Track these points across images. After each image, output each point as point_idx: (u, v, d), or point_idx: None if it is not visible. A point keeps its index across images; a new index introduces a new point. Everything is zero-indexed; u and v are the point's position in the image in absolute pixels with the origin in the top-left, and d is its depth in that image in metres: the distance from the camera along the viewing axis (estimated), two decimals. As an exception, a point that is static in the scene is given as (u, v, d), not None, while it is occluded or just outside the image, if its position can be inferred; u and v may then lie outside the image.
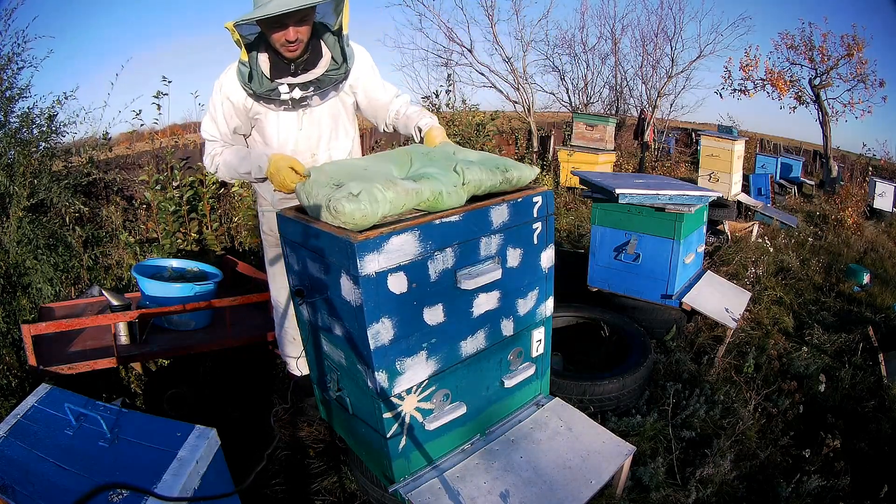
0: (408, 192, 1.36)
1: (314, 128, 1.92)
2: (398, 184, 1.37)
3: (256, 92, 1.78)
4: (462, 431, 1.62)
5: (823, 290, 4.30)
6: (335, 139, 1.97)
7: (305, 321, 1.71)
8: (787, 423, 2.38)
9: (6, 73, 3.51)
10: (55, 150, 3.82)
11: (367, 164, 1.56)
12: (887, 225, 7.20)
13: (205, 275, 2.93)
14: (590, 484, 1.57)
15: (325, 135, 1.94)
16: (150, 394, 2.54)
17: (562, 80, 12.27)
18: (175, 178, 4.05)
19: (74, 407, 1.38)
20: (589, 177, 3.18)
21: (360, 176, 1.41)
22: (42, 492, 1.19)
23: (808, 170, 10.96)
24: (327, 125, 1.94)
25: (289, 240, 1.61)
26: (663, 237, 2.92)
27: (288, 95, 1.81)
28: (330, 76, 1.84)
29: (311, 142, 1.93)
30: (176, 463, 1.26)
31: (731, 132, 9.19)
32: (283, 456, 2.05)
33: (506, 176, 1.56)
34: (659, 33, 11.46)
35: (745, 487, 2.00)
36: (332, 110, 1.93)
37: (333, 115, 1.94)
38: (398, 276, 1.33)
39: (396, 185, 1.36)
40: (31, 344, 2.21)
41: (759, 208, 6.23)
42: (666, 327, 3.00)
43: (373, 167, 1.52)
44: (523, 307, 1.67)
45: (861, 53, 10.27)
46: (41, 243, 3.36)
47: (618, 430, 2.05)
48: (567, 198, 6.85)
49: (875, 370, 2.90)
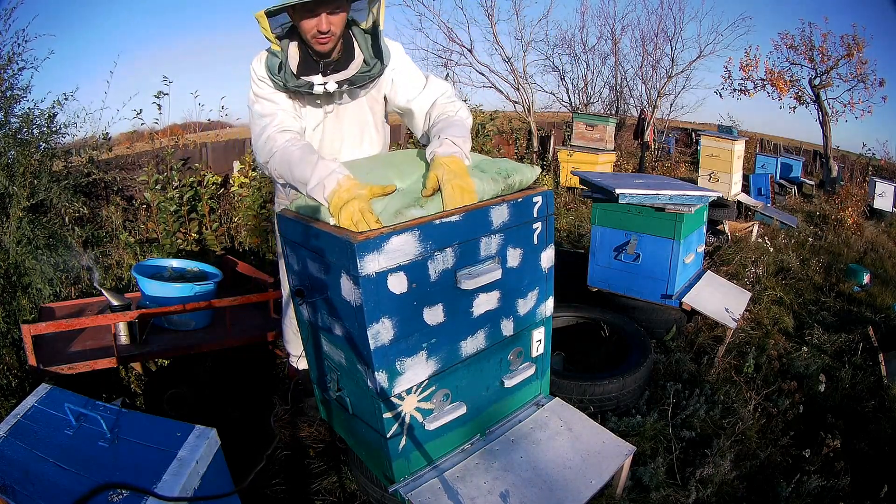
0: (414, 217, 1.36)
1: (338, 132, 1.82)
2: (405, 215, 1.35)
3: (287, 84, 1.62)
4: (462, 431, 1.62)
5: (823, 290, 4.30)
6: (359, 146, 1.86)
7: (305, 321, 1.71)
8: (787, 423, 2.38)
9: (6, 73, 3.51)
10: (55, 150, 3.83)
11: (368, 179, 1.47)
12: (887, 225, 7.21)
13: (205, 275, 2.93)
14: (590, 484, 1.56)
15: (349, 140, 1.84)
16: (150, 394, 2.54)
17: (562, 80, 12.32)
18: (175, 178, 4.05)
19: (74, 407, 1.38)
20: (589, 177, 3.18)
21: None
22: (42, 492, 1.19)
23: (808, 170, 10.97)
24: (351, 131, 1.83)
25: (289, 240, 1.61)
26: (663, 237, 2.92)
27: (322, 88, 1.63)
28: (364, 74, 1.68)
29: (333, 146, 1.82)
30: (176, 463, 1.26)
31: (731, 132, 9.21)
32: (283, 456, 2.05)
33: (507, 182, 1.52)
34: (659, 33, 11.50)
35: (745, 487, 2.00)
36: (359, 116, 1.82)
37: (360, 122, 1.84)
38: (398, 276, 1.33)
39: (404, 215, 1.35)
40: (31, 344, 2.21)
41: (759, 208, 6.24)
42: (666, 327, 3.00)
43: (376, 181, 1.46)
44: (523, 307, 1.67)
45: (861, 53, 10.28)
46: (41, 243, 3.36)
47: (618, 430, 2.05)
48: (567, 198, 6.85)
49: (875, 370, 2.90)
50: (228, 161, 5.25)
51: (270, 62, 1.61)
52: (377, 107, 1.87)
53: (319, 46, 1.60)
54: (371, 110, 1.85)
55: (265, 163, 1.64)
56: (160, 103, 4.13)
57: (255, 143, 1.69)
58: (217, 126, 6.94)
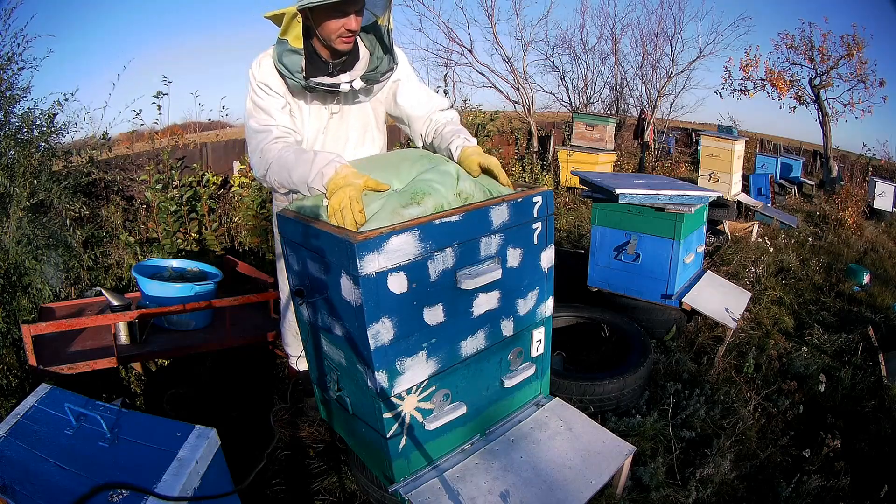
0: (412, 217, 1.37)
1: (342, 132, 1.83)
2: (402, 215, 1.36)
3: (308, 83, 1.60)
4: (462, 431, 1.62)
5: (823, 290, 4.30)
6: (361, 146, 1.88)
7: (305, 321, 1.71)
8: (787, 423, 2.38)
9: (6, 73, 3.51)
10: (55, 150, 3.82)
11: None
12: (887, 225, 7.21)
13: (205, 275, 2.94)
14: (590, 484, 1.56)
15: (353, 140, 1.86)
16: (150, 394, 2.54)
17: (562, 80, 12.32)
18: (175, 178, 4.05)
19: (74, 407, 1.38)
20: (589, 177, 3.18)
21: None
22: (42, 492, 1.19)
23: (808, 170, 10.96)
24: (355, 131, 1.85)
25: (289, 240, 1.61)
26: (663, 237, 2.92)
27: (349, 86, 1.65)
28: (374, 74, 1.70)
29: (337, 146, 1.83)
30: (176, 463, 1.26)
31: (731, 132, 9.20)
32: (283, 456, 2.05)
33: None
34: (659, 33, 11.50)
35: (745, 487, 2.00)
36: (362, 117, 1.85)
37: (363, 123, 1.86)
38: (398, 276, 1.33)
39: (401, 215, 1.36)
40: (31, 344, 2.21)
41: (759, 208, 6.24)
42: (666, 327, 3.00)
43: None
44: (523, 307, 1.67)
45: (861, 53, 10.27)
46: (41, 243, 3.36)
47: (618, 430, 2.05)
48: (567, 198, 6.85)
49: (875, 370, 2.90)
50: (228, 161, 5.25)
51: (290, 61, 1.59)
52: (380, 108, 1.89)
53: (343, 45, 1.61)
54: (374, 111, 1.88)
55: (263, 176, 1.65)
56: (160, 103, 4.13)
57: (251, 158, 1.70)
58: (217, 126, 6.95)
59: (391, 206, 1.37)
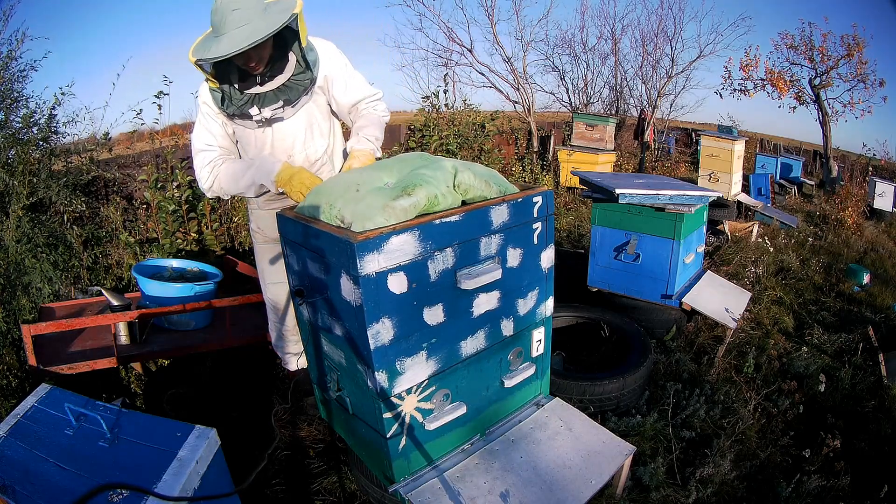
0: (405, 211, 1.35)
1: (288, 131, 1.90)
2: (393, 207, 1.34)
3: (231, 113, 1.81)
4: (462, 431, 1.62)
5: (823, 290, 4.30)
6: (310, 140, 1.95)
7: (305, 321, 1.71)
8: (787, 423, 2.38)
9: (6, 73, 3.51)
10: (55, 149, 3.82)
11: (359, 178, 1.51)
12: (887, 225, 7.20)
13: (205, 275, 2.93)
14: (590, 484, 1.57)
15: (300, 138, 1.92)
16: (150, 394, 2.54)
17: (562, 80, 12.30)
18: (175, 177, 4.04)
19: (74, 407, 1.38)
20: (589, 177, 3.18)
21: (352, 198, 1.40)
22: (42, 492, 1.19)
23: (808, 170, 10.96)
24: (301, 129, 1.91)
25: (289, 240, 1.61)
26: (663, 237, 2.92)
27: (259, 116, 1.81)
28: (297, 82, 1.83)
29: (285, 144, 1.91)
30: (176, 463, 1.26)
31: (731, 132, 9.19)
32: (283, 456, 2.05)
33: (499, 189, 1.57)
34: (659, 33, 11.49)
35: (745, 487, 2.00)
36: (304, 115, 1.91)
37: (308, 119, 1.92)
38: (398, 276, 1.33)
39: (392, 208, 1.34)
40: (31, 344, 2.21)
41: (759, 208, 6.24)
42: (666, 327, 3.00)
43: (366, 183, 1.48)
44: (523, 307, 1.67)
45: (861, 53, 10.27)
46: (41, 242, 3.36)
47: (618, 430, 2.05)
48: (567, 198, 6.85)
49: (875, 370, 2.90)
50: (228, 161, 5.22)
51: (214, 97, 1.81)
52: (320, 98, 1.95)
53: (254, 72, 1.77)
54: (315, 102, 1.93)
55: (209, 188, 1.89)
56: (160, 103, 4.12)
57: (197, 174, 1.91)
58: (217, 126, 6.90)
59: (382, 200, 1.36)
